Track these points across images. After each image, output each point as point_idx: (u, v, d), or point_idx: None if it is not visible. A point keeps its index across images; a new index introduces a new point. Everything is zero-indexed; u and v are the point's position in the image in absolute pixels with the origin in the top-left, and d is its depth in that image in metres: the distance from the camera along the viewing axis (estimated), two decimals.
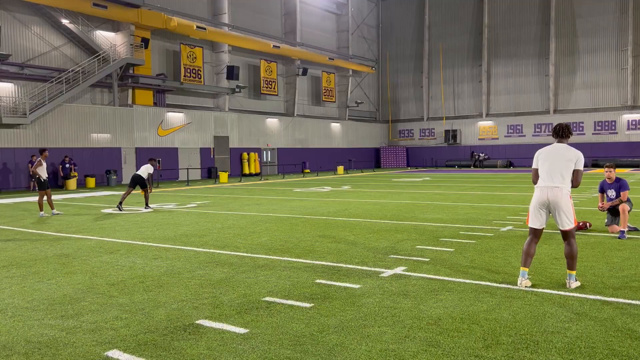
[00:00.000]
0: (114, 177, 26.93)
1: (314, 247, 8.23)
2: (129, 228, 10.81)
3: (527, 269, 5.63)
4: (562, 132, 5.69)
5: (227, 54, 35.59)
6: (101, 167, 27.53)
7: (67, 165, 24.99)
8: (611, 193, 9.08)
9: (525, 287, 5.54)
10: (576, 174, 5.55)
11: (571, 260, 5.54)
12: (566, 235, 5.57)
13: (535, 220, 5.63)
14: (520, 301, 5.09)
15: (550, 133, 37.74)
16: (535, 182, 5.72)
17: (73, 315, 4.91)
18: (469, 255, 7.30)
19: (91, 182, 26.10)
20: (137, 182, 14.69)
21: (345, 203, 15.41)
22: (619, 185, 8.99)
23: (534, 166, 5.79)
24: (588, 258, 7.00)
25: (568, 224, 5.51)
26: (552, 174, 5.54)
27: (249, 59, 37.96)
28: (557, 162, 5.55)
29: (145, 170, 14.85)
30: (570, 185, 5.55)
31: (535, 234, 5.66)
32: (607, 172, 9.12)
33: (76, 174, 25.50)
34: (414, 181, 26.14)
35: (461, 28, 46.48)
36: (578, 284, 5.57)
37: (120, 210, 14.20)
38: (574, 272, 5.58)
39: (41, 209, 13.54)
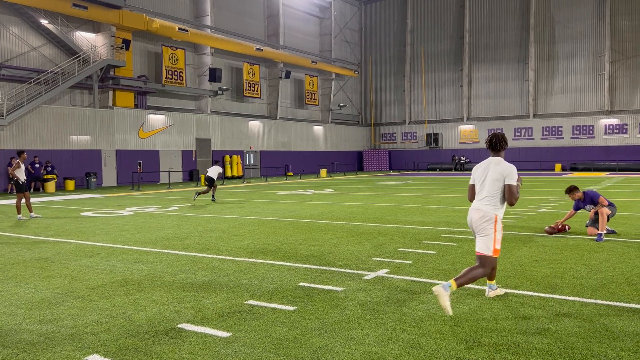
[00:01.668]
0: (94, 179, 26.56)
1: (297, 250, 8.22)
2: (109, 231, 10.67)
3: (492, 282, 5.37)
4: (497, 144, 5.03)
5: (210, 56, 35.42)
6: (81, 170, 27.15)
7: (37, 166, 24.39)
8: (589, 207, 9.27)
9: (497, 295, 5.33)
10: (507, 190, 4.84)
11: (461, 277, 4.81)
12: (479, 260, 4.91)
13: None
14: (501, 303, 5.15)
15: (531, 137, 38.08)
16: (470, 200, 5.19)
17: (52, 320, 4.83)
18: (450, 258, 7.36)
19: (70, 184, 25.72)
20: (211, 180, 17.54)
21: (328, 206, 15.43)
22: (590, 197, 9.20)
23: (470, 182, 5.22)
24: (567, 260, 7.11)
25: (485, 248, 4.87)
26: (479, 193, 5.02)
27: (231, 62, 37.83)
28: (485, 180, 4.98)
29: (215, 170, 17.69)
30: (499, 205, 4.91)
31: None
32: (571, 197, 9.34)
33: (55, 176, 25.08)
34: (397, 184, 26.28)
35: (442, 33, 46.95)
36: (447, 293, 4.65)
37: (194, 199, 17.38)
38: (454, 287, 4.74)
39: (19, 212, 13.30)
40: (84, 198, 20.24)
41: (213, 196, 17.93)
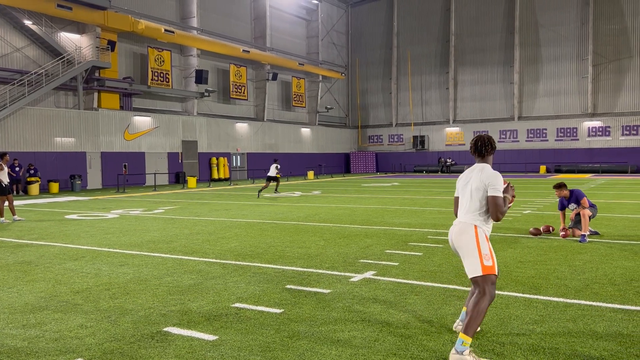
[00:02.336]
0: (79, 182, 26.27)
1: (284, 252, 8.21)
2: (94, 234, 10.57)
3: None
4: (482, 148, 4.19)
5: (196, 57, 35.26)
6: (65, 172, 26.85)
7: (17, 169, 23.98)
8: (572, 207, 9.38)
9: None
10: (491, 203, 3.97)
11: (468, 319, 3.89)
12: (475, 285, 4.00)
13: None
14: None
15: (516, 139, 38.35)
16: (456, 216, 4.31)
17: (35, 325, 4.77)
18: (436, 260, 7.40)
19: (54, 187, 25.41)
20: (272, 178, 20.73)
21: (315, 208, 15.43)
22: (576, 196, 9.30)
23: (455, 194, 4.43)
24: (551, 261, 7.19)
25: (473, 270, 3.96)
26: (461, 207, 4.22)
27: (218, 63, 37.71)
28: (466, 190, 4.19)
29: (274, 169, 20.70)
30: (482, 218, 4.06)
31: None
32: (557, 193, 9.42)
33: (38, 178, 24.75)
34: (383, 186, 26.37)
35: (429, 36, 47.27)
36: (465, 357, 3.74)
37: (258, 197, 19.68)
38: (467, 340, 3.80)
39: (2, 215, 13.11)
40: (68, 201, 20.01)
41: (276, 189, 21.51)
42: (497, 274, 3.99)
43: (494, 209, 3.97)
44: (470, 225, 4.06)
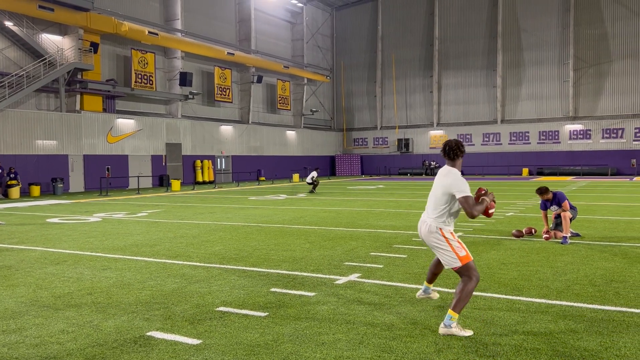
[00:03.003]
0: (61, 185, 25.92)
1: (269, 255, 8.19)
2: (76, 238, 10.44)
3: (430, 285, 5.28)
4: (451, 153, 4.61)
5: (180, 60, 35.05)
6: (47, 175, 26.47)
7: None
8: (554, 208, 9.50)
9: (420, 297, 5.30)
10: (463, 204, 4.38)
11: (457, 299, 4.39)
12: (458, 273, 4.52)
13: None
14: (469, 305, 5.23)
15: (499, 142, 38.71)
16: None
17: (15, 330, 4.70)
18: (421, 262, 7.45)
19: (36, 190, 25.03)
20: (311, 183, 24.32)
21: (300, 211, 15.42)
22: (558, 199, 9.43)
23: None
24: (533, 263, 7.28)
25: (451, 262, 4.47)
26: (427, 205, 4.74)
27: (202, 66, 37.54)
28: (433, 190, 4.70)
29: (309, 176, 24.50)
30: (443, 219, 4.55)
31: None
32: (541, 197, 9.54)
33: (18, 182, 24.35)
34: (368, 189, 26.45)
35: (413, 40, 47.60)
36: (453, 329, 4.34)
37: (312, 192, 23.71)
38: (455, 316, 4.35)
39: None
40: (50, 204, 19.74)
41: (312, 190, 24.21)
42: (471, 257, 4.53)
43: (467, 207, 4.36)
44: (435, 227, 4.56)
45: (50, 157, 26.89)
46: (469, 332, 4.37)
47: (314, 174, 24.68)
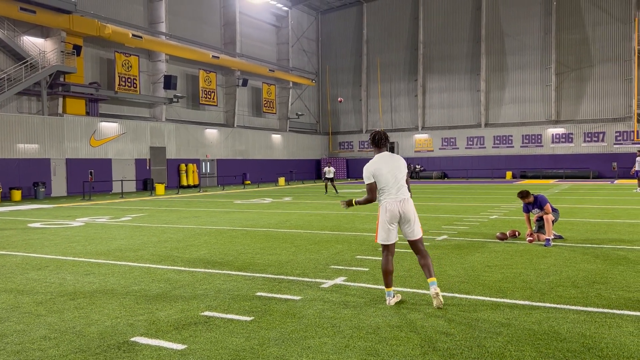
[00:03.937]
0: (43, 189, 25.58)
1: (255, 259, 8.16)
2: (59, 243, 10.30)
3: (391, 289, 5.45)
4: (380, 142, 5.64)
5: (165, 63, 34.85)
6: (28, 179, 26.11)
7: None
8: (536, 211, 9.61)
9: (395, 303, 5.41)
10: (408, 181, 5.73)
11: (432, 266, 5.41)
12: (421, 243, 5.51)
13: (387, 236, 5.44)
14: (455, 308, 5.27)
15: (483, 145, 39.07)
16: (374, 199, 5.50)
17: None
18: (406, 265, 7.47)
19: (17, 194, 24.67)
20: (329, 179, 25.42)
21: (286, 214, 15.40)
22: (539, 202, 9.54)
23: (369, 181, 5.51)
24: (517, 265, 7.35)
25: (420, 232, 5.50)
26: (399, 187, 5.45)
27: (187, 69, 37.36)
28: (395, 173, 5.46)
29: (329, 172, 25.48)
30: (410, 193, 5.63)
31: (390, 249, 5.49)
32: (523, 201, 9.64)
33: None
34: (354, 192, 26.50)
35: (397, 43, 47.90)
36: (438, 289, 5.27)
37: (337, 193, 25.42)
38: (434, 280, 5.33)
39: None
40: (31, 209, 19.46)
41: (334, 187, 25.68)
42: None
43: (409, 181, 5.70)
44: (410, 199, 5.51)
45: (32, 161, 26.52)
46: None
47: (332, 169, 25.68)
